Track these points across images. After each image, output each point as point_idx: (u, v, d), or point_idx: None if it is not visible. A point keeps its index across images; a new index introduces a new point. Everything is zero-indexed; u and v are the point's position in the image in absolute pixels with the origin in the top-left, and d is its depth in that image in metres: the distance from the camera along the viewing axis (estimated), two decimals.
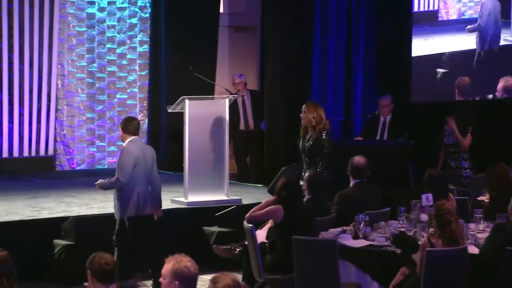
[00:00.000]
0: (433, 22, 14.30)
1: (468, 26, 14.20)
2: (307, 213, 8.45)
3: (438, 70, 14.15)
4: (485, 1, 14.22)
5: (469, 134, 11.46)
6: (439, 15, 14.31)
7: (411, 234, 8.03)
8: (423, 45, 14.16)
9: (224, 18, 14.82)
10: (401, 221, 8.38)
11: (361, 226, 8.11)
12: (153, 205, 9.25)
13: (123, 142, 9.28)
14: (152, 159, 9.28)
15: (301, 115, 10.29)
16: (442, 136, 11.68)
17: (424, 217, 8.18)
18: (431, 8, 14.23)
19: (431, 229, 7.76)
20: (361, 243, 7.97)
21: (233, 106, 13.44)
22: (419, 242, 7.64)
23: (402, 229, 8.15)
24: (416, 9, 14.16)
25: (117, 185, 9.03)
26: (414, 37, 14.02)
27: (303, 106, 10.33)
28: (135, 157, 9.06)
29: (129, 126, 9.22)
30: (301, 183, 9.39)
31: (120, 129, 9.40)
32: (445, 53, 14.14)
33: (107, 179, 9.07)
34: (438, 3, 14.27)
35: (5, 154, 13.06)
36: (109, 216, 10.03)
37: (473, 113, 12.23)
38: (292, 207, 8.23)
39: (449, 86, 14.10)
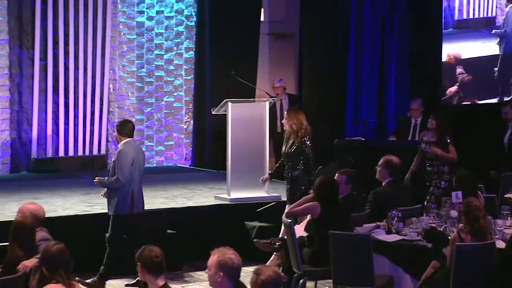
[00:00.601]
0: (490, 27, 14.22)
1: (495, 31, 14.11)
2: (343, 209, 8.41)
3: (495, 69, 14.03)
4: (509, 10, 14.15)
5: (450, 146, 10.22)
6: (496, 21, 14.22)
7: (441, 229, 7.98)
8: (480, 48, 14.13)
9: (265, 26, 14.81)
10: (432, 217, 8.34)
11: (394, 221, 8.06)
12: (142, 203, 9.19)
13: (118, 144, 9.12)
14: (143, 160, 9.22)
15: (283, 121, 10.08)
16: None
17: (453, 213, 8.12)
18: (489, 15, 14.18)
19: (460, 225, 7.70)
20: (394, 237, 7.92)
21: (272, 109, 13.44)
22: (449, 237, 7.58)
23: (433, 225, 8.11)
24: (475, 15, 14.16)
25: (117, 184, 8.91)
26: (471, 41, 13.94)
27: (285, 113, 10.13)
28: (132, 157, 8.96)
29: (125, 128, 9.08)
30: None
31: (116, 131, 9.23)
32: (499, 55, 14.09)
33: (106, 178, 8.96)
34: (496, 11, 14.21)
35: (61, 153, 13.16)
36: (157, 212, 10.11)
37: (450, 119, 10.93)
38: (328, 204, 8.20)
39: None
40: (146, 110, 13.97)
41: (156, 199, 10.94)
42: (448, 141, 10.17)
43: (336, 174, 9.03)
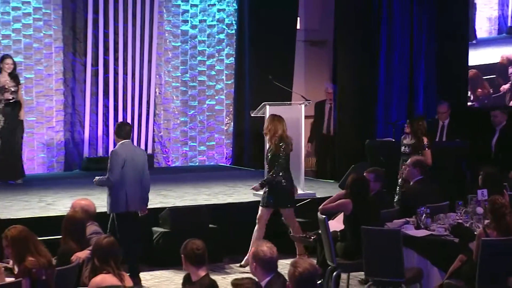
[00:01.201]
0: None
1: None
2: (374, 205, 8.37)
3: None
4: None
5: (427, 149, 10.01)
6: None
7: (468, 225, 7.91)
8: None
9: (300, 33, 14.78)
10: (459, 214, 8.27)
11: (423, 217, 8.01)
12: (140, 203, 8.88)
13: (116, 145, 9.01)
14: (143, 161, 8.90)
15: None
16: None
17: (479, 210, 8.07)
18: None
19: (486, 221, 7.64)
20: (422, 232, 7.87)
21: (320, 111, 13.44)
22: (475, 232, 7.51)
23: (460, 221, 8.04)
24: None
25: (107, 183, 8.78)
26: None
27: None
28: (123, 158, 8.72)
29: (121, 131, 8.94)
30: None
31: (114, 133, 9.14)
32: None
33: (102, 177, 8.87)
34: None
35: (110, 152, 13.20)
36: (200, 208, 10.12)
37: (425, 123, 10.24)
38: (360, 201, 8.16)
39: None
40: (189, 113, 14.00)
41: (199, 196, 10.97)
42: (425, 143, 9.96)
43: (365, 173, 9.00)
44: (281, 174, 9.39)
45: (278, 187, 9.39)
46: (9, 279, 6.22)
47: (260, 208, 9.46)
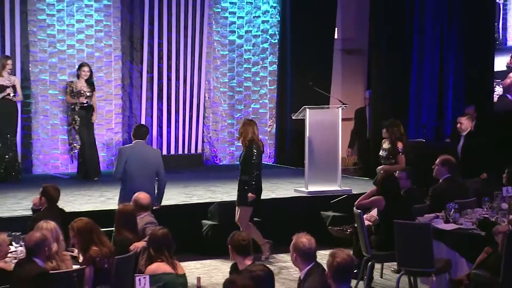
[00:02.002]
0: None
1: None
2: (404, 201, 8.32)
3: None
4: None
5: (401, 154, 9.53)
6: None
7: (493, 219, 7.82)
8: None
9: (338, 42, 14.72)
10: (485, 209, 8.19)
11: (451, 212, 7.95)
12: (155, 199, 8.54)
13: None
14: (155, 161, 8.66)
15: None
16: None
17: (504, 206, 8.02)
18: None
19: (510, 216, 7.56)
20: (451, 226, 7.81)
21: (360, 118, 13.35)
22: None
23: (486, 216, 7.95)
24: None
25: (113, 179, 8.84)
26: None
27: None
28: (126, 156, 8.54)
29: (136, 132, 8.83)
30: None
31: (131, 134, 9.07)
32: None
33: None
34: None
35: (164, 152, 13.27)
36: None
37: (399, 128, 9.68)
38: (391, 197, 8.13)
39: None
40: (236, 116, 14.03)
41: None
42: (399, 149, 9.54)
43: (397, 171, 8.95)
44: (253, 175, 9.10)
45: (253, 187, 9.12)
46: (74, 266, 6.31)
47: (239, 208, 9.22)
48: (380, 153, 9.85)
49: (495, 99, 13.86)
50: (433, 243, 7.53)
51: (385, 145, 9.83)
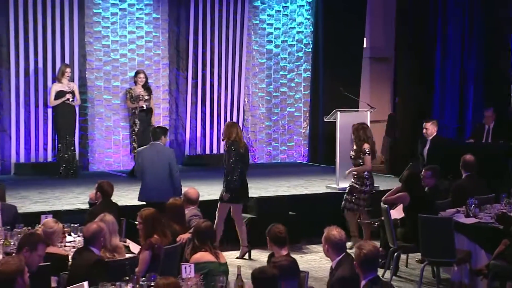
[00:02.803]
0: None
1: None
2: (428, 197, 8.27)
3: None
4: None
5: (367, 155, 9.24)
6: None
7: (511, 214, 7.75)
8: None
9: (366, 50, 14.67)
10: (503, 204, 8.10)
11: (472, 207, 7.89)
12: (162, 194, 8.36)
13: None
14: (167, 159, 8.67)
15: None
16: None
17: None
18: None
19: None
20: (471, 220, 7.75)
21: (391, 119, 13.25)
22: None
23: (504, 210, 7.88)
24: None
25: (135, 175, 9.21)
26: None
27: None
28: (141, 156, 8.71)
29: (153, 134, 8.88)
30: None
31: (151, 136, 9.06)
32: None
33: None
34: None
35: (207, 151, 13.36)
36: (282, 197, 10.14)
37: (366, 129, 9.36)
38: (415, 193, 8.09)
39: None
40: (273, 118, 14.05)
41: (280, 188, 11.01)
42: (366, 150, 9.26)
43: (423, 170, 8.90)
44: (235, 175, 8.98)
45: (231, 186, 9.01)
46: (128, 255, 6.39)
47: (219, 203, 9.13)
48: (350, 154, 9.56)
49: None
50: (454, 235, 7.49)
51: (354, 147, 9.55)
